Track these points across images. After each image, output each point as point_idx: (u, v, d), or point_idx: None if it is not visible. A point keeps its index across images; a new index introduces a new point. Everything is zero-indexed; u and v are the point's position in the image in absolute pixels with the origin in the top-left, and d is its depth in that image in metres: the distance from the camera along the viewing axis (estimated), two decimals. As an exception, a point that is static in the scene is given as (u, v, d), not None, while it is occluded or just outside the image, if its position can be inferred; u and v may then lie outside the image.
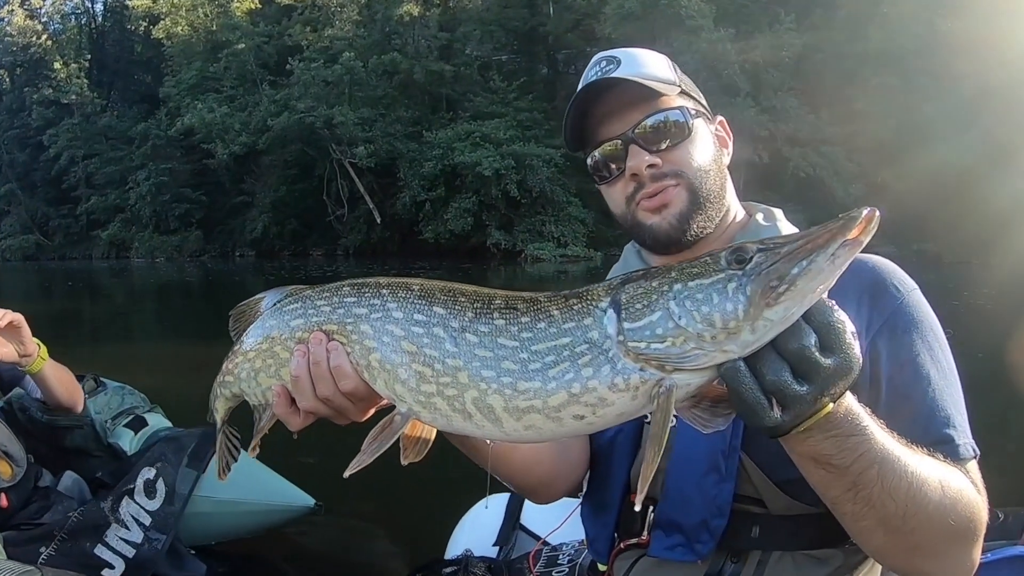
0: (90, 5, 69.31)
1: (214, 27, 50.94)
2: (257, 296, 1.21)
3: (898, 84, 33.89)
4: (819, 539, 1.31)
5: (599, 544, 1.54)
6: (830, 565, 1.33)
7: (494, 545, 2.58)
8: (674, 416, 0.97)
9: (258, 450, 1.23)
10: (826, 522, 1.18)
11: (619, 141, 1.40)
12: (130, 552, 3.29)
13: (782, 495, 1.31)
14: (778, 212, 1.52)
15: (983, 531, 1.17)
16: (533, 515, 2.64)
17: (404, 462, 1.07)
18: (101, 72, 65.30)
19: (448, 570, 2.36)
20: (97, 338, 15.18)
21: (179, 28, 52.22)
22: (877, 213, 0.88)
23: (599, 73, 1.42)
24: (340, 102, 43.05)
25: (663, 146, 1.38)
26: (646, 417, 1.17)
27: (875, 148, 35.32)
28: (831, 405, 0.93)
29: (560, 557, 2.28)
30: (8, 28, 65.18)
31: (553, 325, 0.92)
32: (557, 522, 2.43)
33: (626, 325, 0.89)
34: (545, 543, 2.41)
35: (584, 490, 1.66)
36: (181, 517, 3.43)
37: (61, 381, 3.24)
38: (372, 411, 1.14)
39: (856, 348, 0.90)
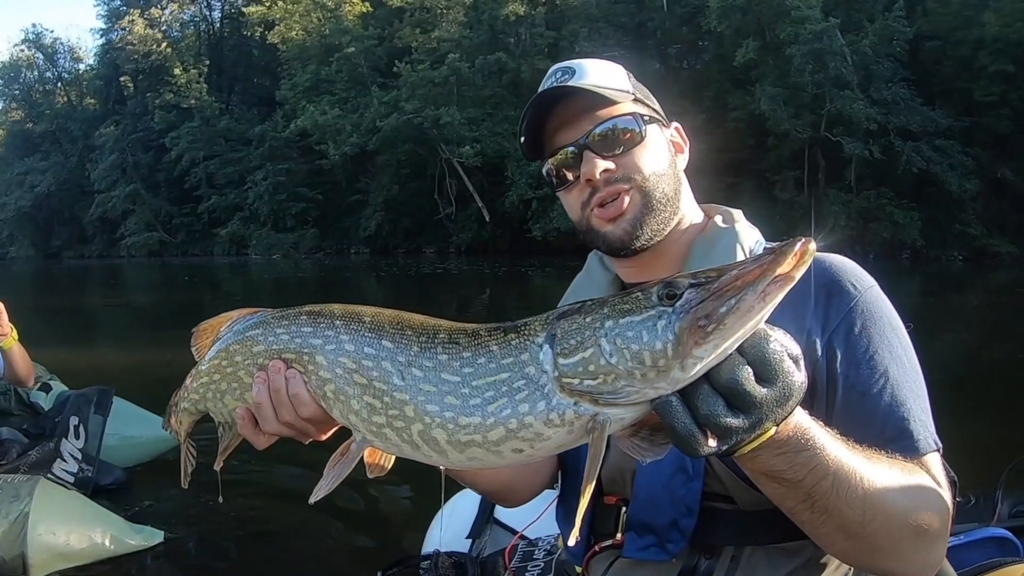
0: (208, 12, 74.23)
1: (326, 31, 53.50)
2: (220, 316, 1.23)
3: (1017, 72, 33.02)
4: (790, 532, 1.27)
5: (574, 547, 1.56)
6: (802, 556, 1.36)
7: (467, 538, 2.56)
8: None
9: (221, 465, 1.29)
10: None
11: (573, 148, 1.44)
12: (71, 479, 4.51)
13: (750, 491, 1.30)
14: (737, 213, 1.54)
15: (947, 525, 1.18)
16: (508, 509, 2.54)
17: (370, 476, 1.15)
18: (220, 76, 69.58)
19: (422, 565, 2.35)
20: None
21: (293, 33, 55.06)
22: (811, 245, 0.87)
23: (554, 83, 1.46)
24: (447, 102, 44.88)
25: (617, 151, 1.41)
26: None
27: (993, 141, 34.67)
28: (773, 429, 0.94)
29: (536, 552, 2.24)
30: (129, 37, 70.39)
31: (492, 360, 0.94)
32: (533, 516, 2.42)
33: (560, 361, 0.91)
34: (522, 537, 2.38)
35: (559, 491, 1.73)
36: (100, 450, 4.68)
37: (24, 359, 4.40)
38: (333, 431, 1.18)
39: (796, 374, 0.91)
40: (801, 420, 1.01)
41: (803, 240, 0.86)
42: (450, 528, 2.70)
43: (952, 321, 14.46)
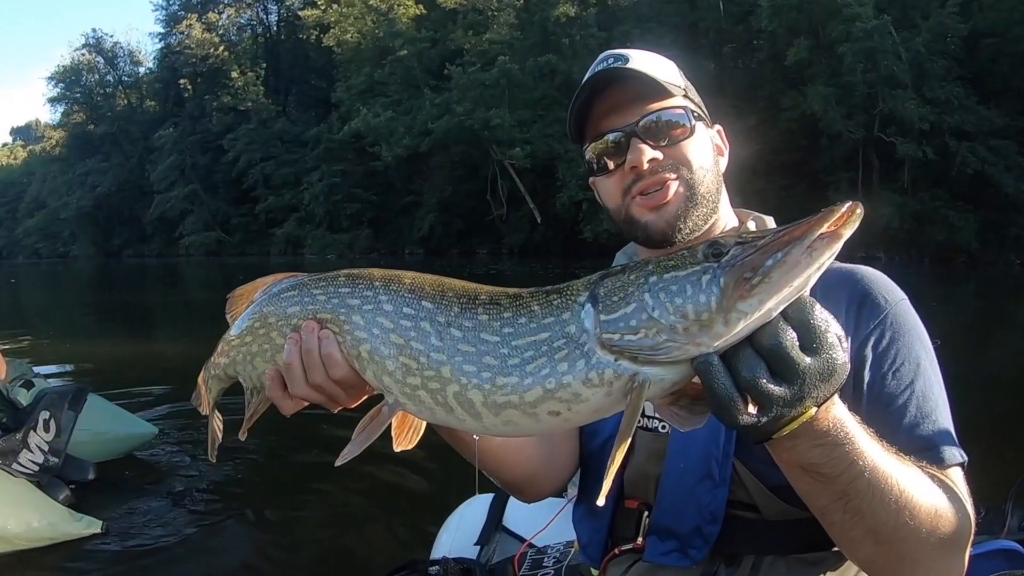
0: (264, 16, 76.64)
1: (380, 34, 54.81)
2: (255, 281, 1.25)
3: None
4: (812, 543, 1.31)
5: (592, 549, 1.57)
6: (822, 567, 1.37)
7: (475, 545, 2.57)
8: (663, 423, 1.14)
9: (247, 435, 1.28)
10: (819, 526, 1.16)
11: (621, 134, 1.43)
12: (35, 468, 4.76)
13: (776, 501, 1.32)
14: (770, 220, 1.52)
15: (969, 538, 1.16)
16: (516, 517, 2.61)
17: (397, 448, 1.14)
18: (277, 79, 71.88)
19: (431, 570, 2.37)
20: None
21: (348, 36, 56.62)
22: (859, 208, 0.86)
23: (607, 67, 1.45)
24: (498, 104, 45.82)
25: (664, 142, 1.41)
26: (640, 421, 1.23)
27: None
28: (814, 409, 0.92)
29: (545, 560, 2.25)
30: (187, 41, 73.24)
31: (533, 320, 0.94)
32: (540, 524, 2.44)
33: (602, 318, 0.91)
34: (531, 545, 2.39)
35: (570, 493, 1.68)
36: (68, 444, 4.90)
37: None
38: (363, 398, 1.18)
39: (840, 350, 0.89)
40: (841, 413, 1.00)
41: (852, 203, 0.87)
42: (459, 534, 2.68)
43: (1008, 328, 14.31)
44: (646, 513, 1.48)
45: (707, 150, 1.48)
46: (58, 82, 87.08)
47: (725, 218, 1.55)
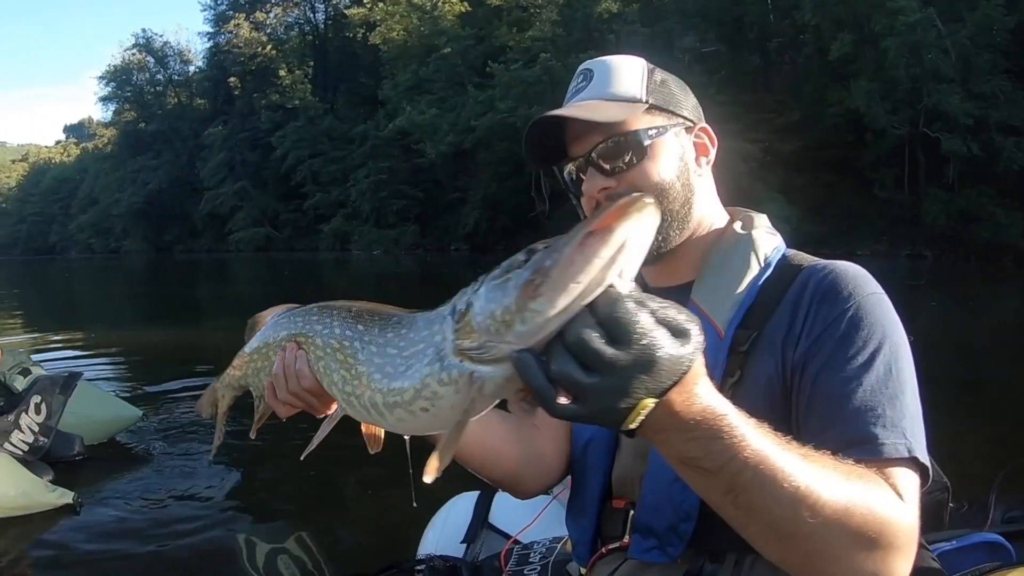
0: (311, 15, 78.28)
1: (425, 31, 55.61)
2: (268, 310, 1.51)
3: None
4: None
5: (581, 547, 1.63)
6: None
7: (462, 543, 2.59)
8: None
9: (255, 434, 1.54)
10: None
11: (574, 167, 1.48)
12: (25, 447, 5.13)
13: None
14: (759, 219, 1.53)
15: (904, 538, 1.11)
16: (502, 514, 2.62)
17: (371, 451, 1.33)
18: (325, 77, 73.15)
19: (416, 568, 2.38)
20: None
21: (394, 34, 57.50)
22: (645, 200, 0.88)
23: (574, 90, 1.50)
24: (540, 101, 45.33)
25: (619, 168, 1.42)
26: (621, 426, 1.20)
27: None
28: (651, 401, 0.91)
29: (531, 556, 2.26)
30: (236, 40, 75.17)
31: (417, 333, 1.07)
32: (526, 521, 2.46)
33: (455, 326, 1.00)
34: (516, 542, 2.40)
35: (555, 491, 1.81)
36: (57, 424, 5.28)
37: None
38: (333, 405, 1.33)
39: (661, 343, 0.88)
40: (714, 405, 0.98)
41: (631, 197, 0.88)
42: (445, 533, 2.68)
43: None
44: (632, 512, 1.52)
45: (670, 163, 1.46)
46: (109, 81, 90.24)
47: (710, 219, 1.54)
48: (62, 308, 22.96)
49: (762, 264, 1.43)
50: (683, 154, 1.49)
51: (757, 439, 1.01)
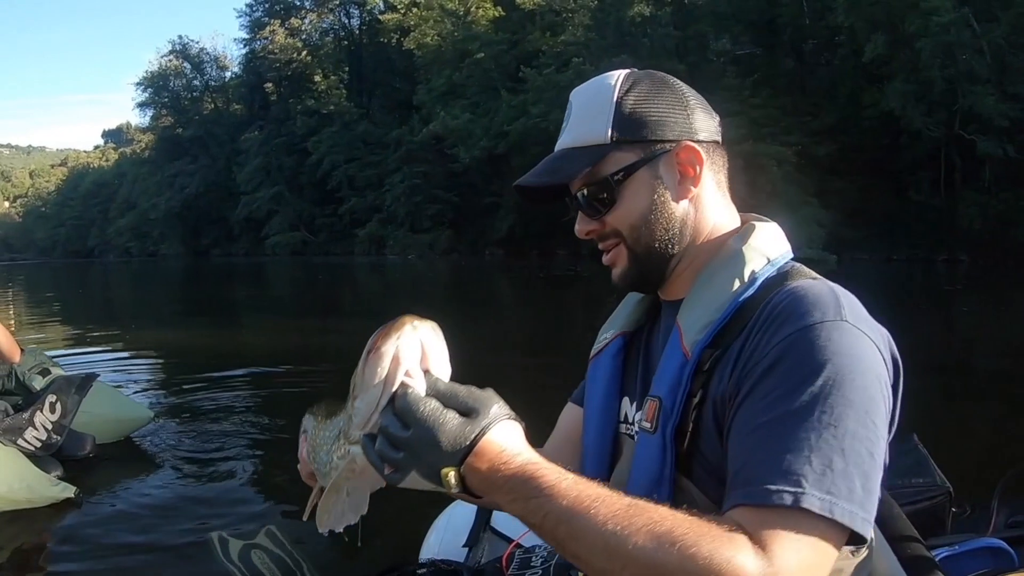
0: (346, 21, 78.89)
1: (459, 36, 56.14)
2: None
3: None
4: None
5: None
6: None
7: (463, 547, 2.63)
8: (637, 432, 1.34)
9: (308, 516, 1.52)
10: None
11: (571, 204, 1.51)
12: (38, 444, 5.16)
13: (716, 507, 1.29)
14: (763, 229, 1.43)
15: None
16: (504, 517, 2.60)
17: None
18: (360, 82, 74.00)
19: (417, 572, 2.42)
20: (352, 320, 17.55)
21: (428, 39, 58.15)
22: (406, 326, 1.06)
23: (563, 124, 1.49)
24: None
25: (598, 211, 1.42)
26: (621, 427, 1.50)
27: None
28: (452, 471, 1.07)
29: (534, 559, 2.28)
30: (271, 46, 76.00)
31: (339, 422, 1.28)
32: None
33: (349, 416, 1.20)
34: (518, 545, 2.41)
35: None
36: (71, 422, 5.31)
37: (6, 339, 5.14)
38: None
39: (440, 421, 1.07)
40: (530, 468, 1.07)
41: (398, 320, 1.07)
42: (446, 537, 2.70)
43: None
44: None
45: (641, 202, 1.39)
46: (146, 87, 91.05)
47: (719, 231, 1.44)
48: (98, 310, 23.28)
49: (745, 281, 1.33)
50: (659, 186, 1.40)
51: (570, 495, 1.07)
